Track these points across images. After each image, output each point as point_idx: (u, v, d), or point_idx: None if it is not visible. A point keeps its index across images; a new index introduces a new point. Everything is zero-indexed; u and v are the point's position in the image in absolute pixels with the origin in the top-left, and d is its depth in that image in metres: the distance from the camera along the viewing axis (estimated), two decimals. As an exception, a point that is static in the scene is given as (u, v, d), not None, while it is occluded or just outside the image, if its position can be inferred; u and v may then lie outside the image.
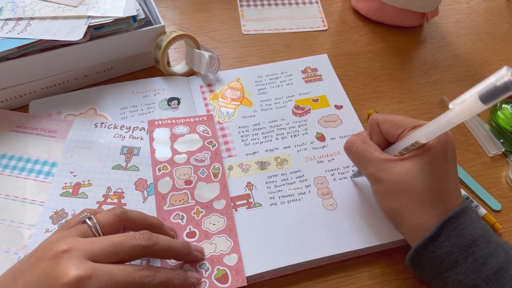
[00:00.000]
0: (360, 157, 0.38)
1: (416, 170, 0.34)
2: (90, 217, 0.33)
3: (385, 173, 0.36)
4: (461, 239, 0.32)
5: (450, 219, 0.33)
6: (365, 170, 0.38)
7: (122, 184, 0.42)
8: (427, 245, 0.33)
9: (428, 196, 0.34)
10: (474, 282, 0.31)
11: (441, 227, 0.33)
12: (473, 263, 0.32)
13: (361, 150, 0.38)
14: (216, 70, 0.52)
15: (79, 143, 0.45)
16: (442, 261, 0.33)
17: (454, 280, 0.32)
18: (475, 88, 0.28)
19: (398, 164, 0.35)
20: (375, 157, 0.37)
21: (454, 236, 0.33)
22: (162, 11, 0.63)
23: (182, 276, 0.34)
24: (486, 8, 0.69)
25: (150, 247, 0.32)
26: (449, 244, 0.33)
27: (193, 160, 0.44)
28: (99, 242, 0.31)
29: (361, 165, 0.38)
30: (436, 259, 0.33)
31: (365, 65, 0.58)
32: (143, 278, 0.30)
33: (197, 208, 0.41)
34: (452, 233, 0.33)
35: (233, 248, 0.38)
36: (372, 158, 0.37)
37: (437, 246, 0.33)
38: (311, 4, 0.66)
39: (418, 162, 0.34)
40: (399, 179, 0.35)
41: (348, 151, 0.40)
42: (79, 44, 0.46)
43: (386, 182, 0.36)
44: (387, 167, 0.36)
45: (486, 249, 0.32)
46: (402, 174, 0.35)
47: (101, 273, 0.29)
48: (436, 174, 0.34)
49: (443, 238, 0.33)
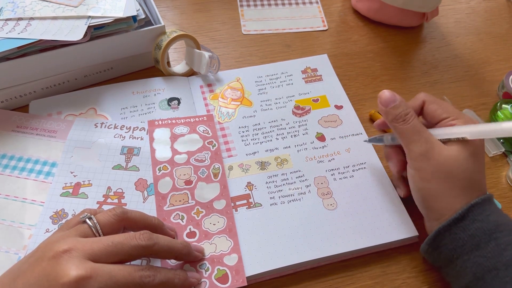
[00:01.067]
0: (415, 132, 0.37)
1: (464, 157, 0.36)
2: (90, 217, 0.33)
3: (435, 152, 0.36)
4: (486, 224, 0.34)
5: (476, 204, 0.34)
6: (416, 145, 0.37)
7: (122, 184, 0.42)
8: (451, 226, 0.34)
9: (467, 183, 0.35)
10: (494, 265, 0.32)
11: (467, 211, 0.34)
12: (495, 248, 0.33)
13: (418, 125, 0.38)
14: (216, 70, 0.52)
15: (79, 143, 0.45)
16: (465, 243, 0.34)
17: (474, 263, 0.33)
18: None
19: (447, 148, 0.36)
20: (429, 136, 0.37)
21: (479, 221, 0.34)
22: (162, 11, 0.63)
23: (182, 276, 0.34)
24: (486, 8, 0.69)
25: (150, 247, 0.32)
26: (473, 227, 0.34)
27: (193, 160, 0.44)
28: (99, 242, 0.31)
29: (413, 139, 0.37)
30: (458, 241, 0.34)
31: (365, 65, 0.58)
32: (143, 278, 0.30)
33: (197, 208, 0.41)
34: (478, 217, 0.34)
35: (233, 248, 0.38)
36: (427, 135, 0.37)
37: (461, 228, 0.34)
38: (311, 4, 0.66)
39: (465, 151, 0.36)
40: (446, 162, 0.36)
41: (404, 121, 0.38)
42: (79, 44, 0.46)
43: (434, 161, 0.36)
44: (438, 146, 0.36)
45: (508, 236, 0.33)
46: (451, 157, 0.36)
47: (101, 273, 0.29)
48: (477, 165, 0.36)
49: (468, 221, 0.34)
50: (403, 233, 0.40)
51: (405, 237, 0.40)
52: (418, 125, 0.38)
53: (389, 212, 0.41)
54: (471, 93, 0.56)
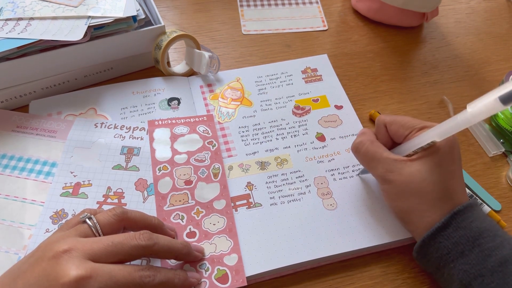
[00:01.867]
0: (370, 158, 0.39)
1: (426, 170, 0.35)
2: (90, 217, 0.33)
3: (395, 173, 0.36)
4: (469, 231, 0.33)
5: (459, 212, 0.34)
6: (375, 171, 0.38)
7: (122, 184, 0.42)
8: (435, 235, 0.34)
9: (437, 195, 0.35)
10: (479, 272, 0.32)
11: (449, 219, 0.34)
12: (479, 254, 0.32)
13: (371, 151, 0.38)
14: (216, 70, 0.52)
15: (79, 143, 0.45)
16: (449, 251, 0.34)
17: (460, 270, 0.33)
18: (493, 91, 0.29)
19: (408, 165, 0.36)
20: (385, 158, 0.37)
21: (462, 228, 0.34)
22: (162, 11, 0.63)
23: (182, 276, 0.34)
24: (486, 8, 0.69)
25: (150, 247, 0.32)
26: (456, 235, 0.33)
27: (193, 160, 0.44)
28: (99, 242, 0.31)
29: (371, 166, 0.39)
30: (443, 250, 0.34)
31: (365, 65, 0.58)
32: (143, 278, 0.30)
33: (197, 208, 0.41)
34: (460, 225, 0.34)
35: (233, 248, 0.38)
36: (381, 158, 0.37)
37: (444, 236, 0.34)
38: (311, 4, 0.66)
39: (427, 163, 0.35)
40: (409, 179, 0.35)
41: (356, 152, 0.41)
42: (79, 44, 0.46)
43: (395, 182, 0.36)
44: (396, 167, 0.36)
45: (492, 242, 0.33)
46: (412, 174, 0.35)
47: (101, 273, 0.29)
48: (444, 174, 0.35)
49: (451, 230, 0.34)
50: (403, 233, 0.40)
51: (405, 237, 0.40)
52: (370, 151, 0.38)
53: (389, 212, 0.41)
54: (471, 93, 0.56)
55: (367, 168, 0.40)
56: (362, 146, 0.39)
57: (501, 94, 0.28)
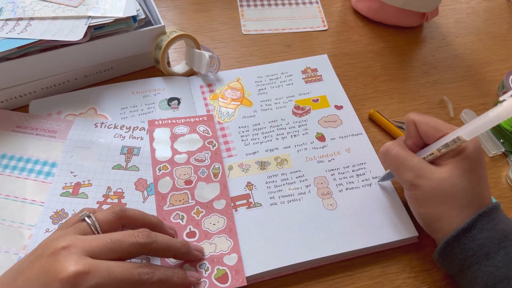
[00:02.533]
0: (399, 162, 0.38)
1: (457, 176, 0.35)
2: (89, 215, 0.33)
3: (424, 178, 0.36)
4: (494, 233, 0.33)
5: (484, 213, 0.34)
6: (403, 176, 0.38)
7: (122, 184, 0.42)
8: (460, 237, 0.34)
9: (467, 201, 0.35)
10: (505, 275, 0.32)
11: (475, 220, 0.34)
12: (506, 257, 0.32)
13: (401, 155, 0.38)
14: (216, 70, 0.52)
15: (79, 143, 0.45)
16: (474, 253, 0.33)
17: (485, 272, 0.33)
18: None
19: (438, 170, 0.35)
20: (415, 162, 0.37)
21: (487, 230, 0.33)
22: (162, 11, 0.63)
23: (181, 274, 0.34)
24: (486, 8, 0.69)
25: (149, 244, 0.32)
26: (482, 237, 0.33)
27: (193, 160, 0.44)
28: (98, 240, 0.31)
29: (400, 170, 0.38)
30: (468, 251, 0.34)
31: (365, 65, 0.58)
32: (141, 275, 0.31)
33: (197, 208, 0.41)
34: (486, 226, 0.33)
35: (233, 248, 0.38)
36: (412, 163, 0.37)
37: (469, 238, 0.34)
38: (311, 4, 0.66)
39: (458, 168, 0.35)
40: (439, 185, 0.35)
41: (385, 156, 0.40)
42: (79, 44, 0.46)
43: (425, 187, 0.36)
44: (426, 172, 0.36)
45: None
46: (443, 180, 0.35)
47: (99, 269, 0.29)
48: (474, 180, 0.35)
49: (477, 231, 0.33)
50: (403, 233, 0.40)
51: (405, 237, 0.40)
52: (401, 155, 0.38)
53: (389, 212, 0.41)
54: (471, 93, 0.56)
55: (395, 173, 0.39)
56: (392, 150, 0.39)
57: None
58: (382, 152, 0.41)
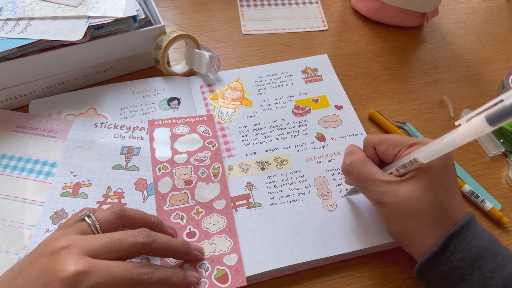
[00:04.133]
0: (362, 180, 0.37)
1: (421, 190, 0.33)
2: (89, 215, 0.33)
3: (389, 195, 0.34)
4: (467, 253, 0.32)
5: (455, 233, 0.33)
6: (368, 193, 0.37)
7: (122, 184, 0.42)
8: (434, 259, 0.33)
9: (435, 215, 0.33)
10: None
11: (446, 242, 0.32)
12: (480, 278, 0.31)
13: (362, 173, 0.37)
14: (216, 70, 0.52)
15: (79, 143, 0.45)
16: (449, 275, 0.32)
17: None
18: (482, 108, 0.27)
19: (402, 186, 0.34)
20: (377, 180, 0.35)
21: (460, 251, 0.32)
22: (162, 11, 0.63)
23: (181, 274, 0.34)
24: (486, 8, 0.69)
25: (149, 244, 0.32)
26: (455, 259, 0.32)
27: (193, 160, 0.44)
28: (98, 239, 0.31)
29: (363, 188, 0.37)
30: (442, 274, 0.33)
31: (365, 65, 0.58)
32: (141, 275, 0.30)
33: (197, 208, 0.41)
34: (458, 247, 0.32)
35: (233, 248, 0.38)
36: (374, 180, 0.36)
37: (443, 260, 0.32)
38: (311, 4, 0.66)
39: (422, 182, 0.34)
40: (404, 202, 0.34)
41: (348, 174, 0.39)
42: (79, 44, 0.46)
43: (391, 205, 0.34)
44: (390, 189, 0.34)
45: (492, 262, 0.31)
46: (407, 196, 0.34)
47: (99, 269, 0.29)
48: (440, 192, 0.34)
49: (449, 253, 0.32)
50: (403, 233, 0.40)
51: (405, 237, 0.40)
52: (362, 173, 0.37)
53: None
54: (471, 93, 0.55)
55: (361, 190, 0.38)
56: (353, 168, 0.37)
57: (487, 115, 0.26)
58: (343, 170, 0.39)
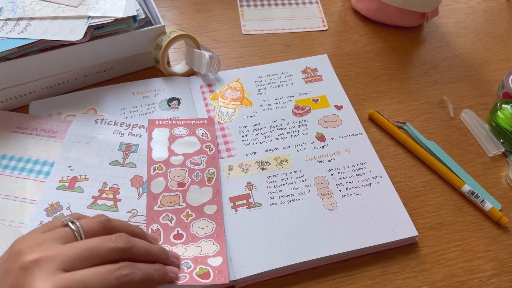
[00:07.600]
0: None
1: None
2: (73, 221, 0.32)
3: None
4: None
5: None
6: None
7: (118, 180, 0.42)
8: None
9: None
10: None
11: None
12: None
13: None
14: (216, 70, 0.52)
15: (78, 138, 0.45)
16: None
17: None
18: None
19: None
20: None
21: None
22: (162, 11, 0.63)
23: (162, 271, 0.33)
24: (486, 8, 0.69)
25: (128, 249, 0.31)
26: None
27: (189, 163, 0.44)
28: (73, 248, 0.29)
29: None
30: None
31: (365, 65, 0.58)
32: (120, 278, 0.29)
33: (188, 211, 0.41)
34: None
35: (219, 252, 0.38)
36: None
37: None
38: (311, 4, 0.66)
39: None
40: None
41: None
42: (79, 44, 0.46)
43: None
44: None
45: None
46: None
47: (73, 284, 0.27)
48: None
49: None
50: (403, 233, 0.40)
51: (405, 237, 0.40)
52: None
53: (389, 212, 0.41)
54: (471, 93, 0.55)
55: None
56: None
57: None
58: None
